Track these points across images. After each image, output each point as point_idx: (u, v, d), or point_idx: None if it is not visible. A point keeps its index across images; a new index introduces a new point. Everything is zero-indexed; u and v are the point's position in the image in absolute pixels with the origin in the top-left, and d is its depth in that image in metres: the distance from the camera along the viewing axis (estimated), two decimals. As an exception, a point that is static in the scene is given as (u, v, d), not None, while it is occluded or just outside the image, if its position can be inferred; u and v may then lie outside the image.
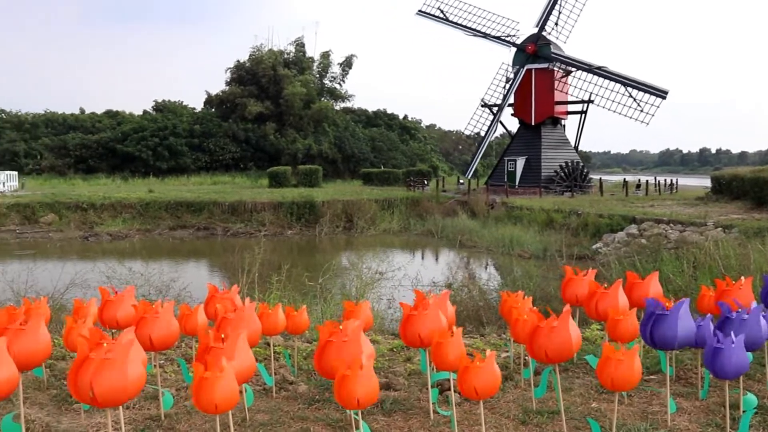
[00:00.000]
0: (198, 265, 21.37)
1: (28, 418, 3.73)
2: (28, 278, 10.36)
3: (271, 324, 4.09)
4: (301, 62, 53.54)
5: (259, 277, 10.14)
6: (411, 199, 31.76)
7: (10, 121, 55.86)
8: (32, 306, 3.92)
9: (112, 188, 36.47)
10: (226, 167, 49.70)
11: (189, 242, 26.14)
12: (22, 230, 26.59)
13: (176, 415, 4.01)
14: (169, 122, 51.37)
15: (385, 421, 3.97)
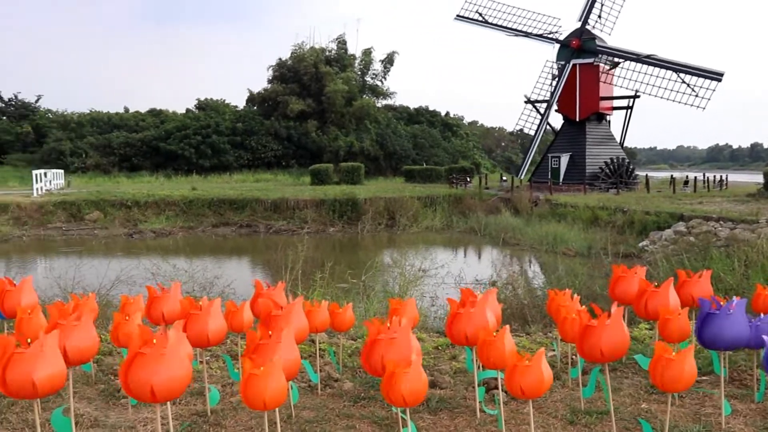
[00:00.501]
0: (240, 262, 21.57)
1: (77, 413, 3.79)
2: (75, 274, 10.53)
3: (316, 321, 4.09)
4: (343, 59, 53.68)
5: (302, 274, 10.20)
6: (453, 197, 31.61)
7: (56, 120, 57.07)
8: (80, 302, 3.97)
9: (155, 186, 36.95)
10: (268, 165, 50.09)
11: (232, 239, 26.40)
12: (68, 227, 27.05)
13: (222, 411, 4.04)
14: (211, 120, 51.91)
15: (431, 420, 3.94)
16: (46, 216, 27.23)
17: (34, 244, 24.45)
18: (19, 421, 3.87)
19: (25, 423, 3.84)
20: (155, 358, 2.49)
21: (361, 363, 3.39)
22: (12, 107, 61.78)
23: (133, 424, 3.85)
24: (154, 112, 60.69)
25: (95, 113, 58.75)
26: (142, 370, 2.50)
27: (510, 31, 38.01)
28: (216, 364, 5.09)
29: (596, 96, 36.56)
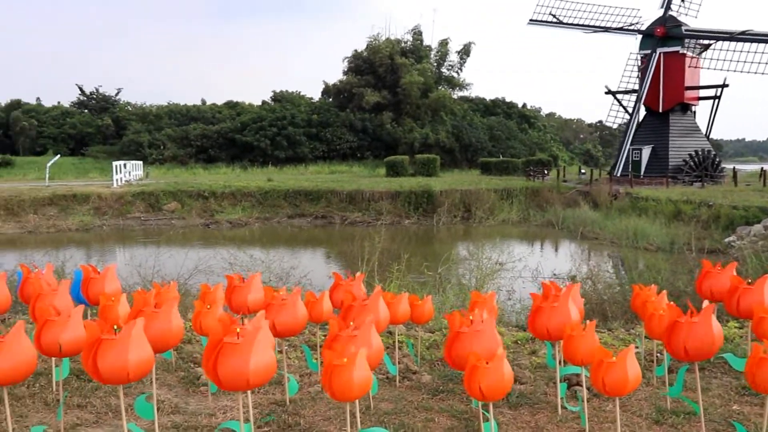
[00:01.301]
0: (315, 253, 21.82)
1: (158, 399, 3.87)
2: (155, 263, 10.82)
3: (396, 313, 4.08)
4: (419, 51, 53.49)
5: (378, 266, 10.22)
6: (530, 189, 31.13)
7: (135, 113, 58.96)
8: (162, 290, 4.07)
9: (231, 177, 37.60)
10: (343, 157, 50.45)
11: (307, 230, 26.70)
12: (146, 217, 27.73)
13: (301, 400, 4.08)
14: (287, 112, 52.56)
15: (512, 415, 3.89)
16: (125, 206, 28.02)
17: (113, 234, 25.22)
18: (102, 405, 4.00)
19: (108, 407, 3.96)
20: (240, 347, 2.52)
21: (444, 355, 3.36)
22: (93, 101, 64.25)
23: (212, 412, 3.92)
24: (230, 104, 61.92)
25: (173, 106, 60.34)
26: (226, 359, 2.54)
27: (587, 28, 36.93)
28: (294, 353, 5.16)
29: (681, 85, 35.21)
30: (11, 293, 4.38)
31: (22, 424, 3.70)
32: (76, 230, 25.23)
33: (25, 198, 26.69)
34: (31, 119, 57.89)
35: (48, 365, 4.44)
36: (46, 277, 4.53)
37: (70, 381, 4.37)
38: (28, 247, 20.06)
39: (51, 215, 26.38)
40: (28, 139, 56.81)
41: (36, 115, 59.27)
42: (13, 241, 22.61)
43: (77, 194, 27.78)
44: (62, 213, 26.66)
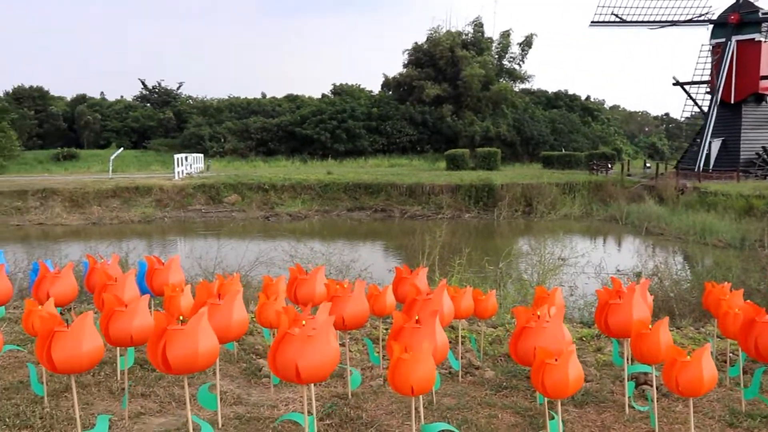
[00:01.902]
0: (375, 246, 21.86)
1: (220, 390, 3.90)
2: (217, 255, 11.00)
3: (460, 307, 4.04)
4: (480, 43, 52.94)
5: (438, 259, 10.18)
6: (593, 183, 30.53)
7: (196, 106, 59.90)
8: (225, 282, 4.11)
9: (291, 170, 37.88)
10: (402, 150, 50.34)
11: (366, 224, 26.77)
12: (207, 209, 28.15)
13: (362, 394, 4.07)
14: (347, 105, 52.73)
15: (577, 413, 3.80)
16: (186, 198, 28.52)
17: (174, 226, 25.68)
18: (165, 395, 4.06)
19: (172, 397, 4.02)
20: (304, 339, 2.52)
21: (509, 351, 3.31)
22: (155, 94, 65.69)
23: (274, 403, 3.94)
24: (290, 98, 62.47)
25: (233, 99, 61.13)
26: (290, 351, 2.54)
27: (653, 24, 35.76)
28: (355, 347, 5.17)
29: (756, 75, 33.82)
30: (77, 283, 4.49)
31: (88, 412, 3.79)
32: (139, 222, 25.84)
33: (90, 190, 27.46)
34: (95, 113, 59.48)
35: (113, 354, 4.54)
36: (112, 268, 4.61)
37: (134, 370, 4.45)
38: (92, 238, 20.63)
39: (114, 207, 27.10)
40: (92, 133, 58.37)
41: (100, 109, 60.89)
42: (78, 232, 23.30)
43: (140, 186, 28.44)
44: (125, 205, 27.35)
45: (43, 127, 57.51)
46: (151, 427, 3.58)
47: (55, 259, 8.32)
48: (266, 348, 5.04)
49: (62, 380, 4.27)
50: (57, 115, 59.38)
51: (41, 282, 4.18)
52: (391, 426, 3.60)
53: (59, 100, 63.96)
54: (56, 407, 3.84)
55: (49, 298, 3.85)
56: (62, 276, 4.20)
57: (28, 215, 25.80)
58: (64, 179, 31.53)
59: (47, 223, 25.01)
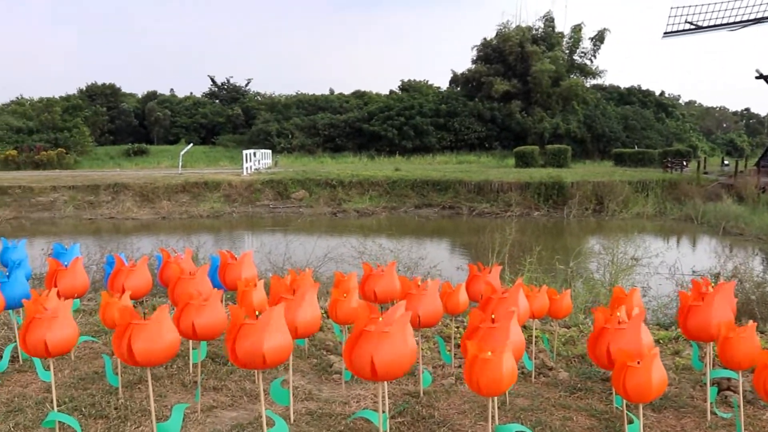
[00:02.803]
0: (443, 243, 21.75)
1: (292, 385, 3.96)
2: (286, 251, 11.10)
3: (534, 306, 3.97)
4: (550, 38, 52.04)
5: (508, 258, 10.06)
6: (667, 182, 29.62)
7: (264, 103, 60.66)
8: (297, 277, 4.14)
9: (359, 166, 37.88)
10: (470, 147, 49.90)
11: (434, 221, 26.63)
12: (275, 205, 28.27)
13: (434, 392, 4.03)
14: (414, 102, 52.56)
15: (655, 418, 3.69)
16: (254, 194, 28.70)
17: (242, 221, 25.87)
18: (237, 389, 4.10)
19: (243, 391, 4.06)
20: (381, 336, 2.52)
21: (587, 352, 3.23)
22: (224, 91, 66.85)
23: (346, 400, 3.94)
24: (357, 94, 62.72)
25: (301, 95, 61.70)
26: (367, 348, 2.54)
27: (734, 26, 33.81)
28: (426, 344, 5.14)
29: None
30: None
31: (161, 404, 3.86)
32: (207, 217, 26.21)
33: (159, 185, 28.02)
34: (165, 109, 60.76)
35: (184, 347, 4.62)
36: (185, 262, 4.68)
37: (206, 364, 4.52)
38: (161, 233, 21.05)
39: (183, 202, 27.51)
40: (162, 129, 59.67)
41: (170, 106, 62.15)
42: (148, 227, 23.82)
43: (208, 182, 28.85)
44: (194, 200, 27.73)
45: (115, 123, 59.11)
46: (223, 421, 3.63)
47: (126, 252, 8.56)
48: (337, 344, 5.07)
49: (136, 372, 4.37)
50: (128, 111, 61.04)
51: (116, 275, 4.28)
52: (464, 425, 3.57)
53: (130, 97, 65.75)
54: (130, 398, 3.93)
55: (124, 291, 3.96)
56: (137, 269, 4.30)
57: (99, 209, 26.51)
58: (134, 174, 32.30)
59: (118, 217, 25.67)
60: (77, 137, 46.63)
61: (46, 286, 4.47)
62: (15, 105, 53.13)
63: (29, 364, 4.58)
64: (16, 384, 4.26)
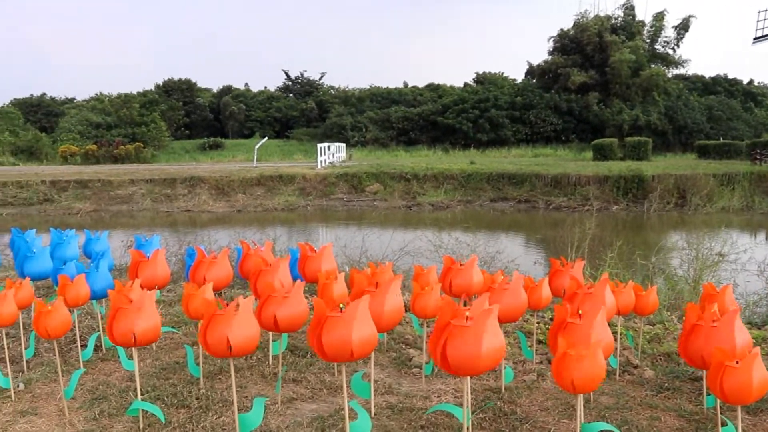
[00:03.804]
0: (519, 238, 21.45)
1: (368, 378, 3.92)
2: (363, 244, 11.12)
3: (620, 302, 3.86)
4: (630, 27, 50.45)
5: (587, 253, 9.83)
6: (756, 174, 28.33)
7: (338, 96, 61.03)
8: (377, 270, 4.13)
9: (433, 159, 37.67)
10: (547, 139, 49.02)
11: (510, 214, 26.29)
12: (349, 198, 28.37)
13: (516, 388, 3.97)
14: (490, 94, 51.91)
15: (750, 421, 3.53)
16: (328, 187, 28.86)
17: (317, 214, 26.05)
18: (317, 381, 4.12)
19: (323, 383, 4.08)
20: (469, 331, 2.48)
21: (678, 350, 3.12)
22: (298, 85, 67.60)
23: (426, 394, 3.91)
24: (431, 87, 62.41)
25: (375, 89, 61.75)
26: (454, 342, 2.50)
27: None
28: (506, 340, 5.06)
29: None
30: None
31: (241, 395, 3.92)
32: (282, 210, 26.49)
33: (235, 179, 28.48)
34: (240, 104, 61.75)
35: (264, 339, 4.68)
36: (265, 254, 4.72)
37: (285, 356, 4.56)
38: (236, 225, 21.39)
39: (258, 195, 27.86)
40: (237, 123, 60.67)
41: (244, 100, 63.10)
42: (223, 219, 24.24)
43: (283, 175, 29.16)
44: (269, 193, 28.04)
45: (191, 117, 60.47)
46: (303, 413, 3.65)
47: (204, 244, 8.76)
48: (416, 338, 5.05)
49: (216, 363, 4.45)
50: (203, 106, 62.38)
51: (198, 267, 4.35)
52: (547, 423, 3.50)
53: (206, 92, 67.06)
54: (211, 389, 4.00)
55: (205, 283, 4.03)
56: (218, 261, 4.36)
57: (176, 202, 27.11)
58: (210, 168, 32.99)
59: (194, 210, 26.21)
60: (154, 132, 48.06)
61: (129, 277, 4.60)
62: (94, 101, 55.17)
63: (112, 352, 4.72)
64: (100, 372, 4.40)
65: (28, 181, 28.04)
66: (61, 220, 22.65)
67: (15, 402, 3.88)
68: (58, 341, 3.78)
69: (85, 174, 29.75)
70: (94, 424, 3.55)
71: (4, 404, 3.85)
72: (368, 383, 3.43)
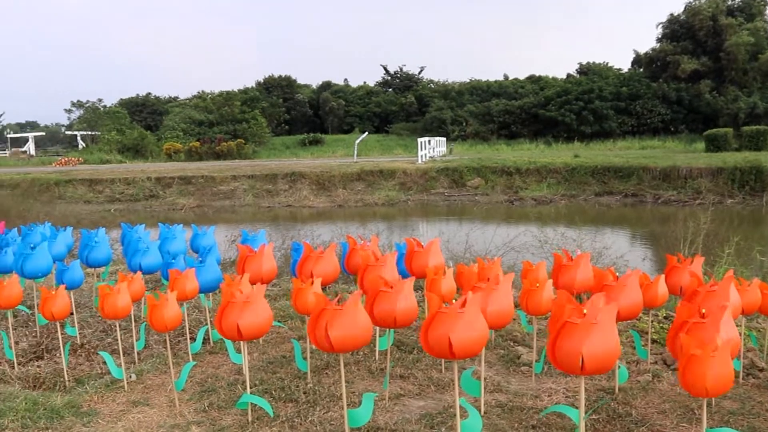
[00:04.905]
0: (626, 233, 20.73)
1: (477, 375, 3.84)
2: (467, 239, 11.02)
3: (746, 301, 3.63)
4: (750, 7, 47.44)
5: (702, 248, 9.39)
6: None
7: (438, 90, 60.57)
8: (485, 266, 4.05)
9: (535, 153, 36.89)
10: (654, 131, 47.07)
11: (615, 209, 25.45)
12: (450, 193, 28.09)
13: (630, 389, 3.82)
14: (594, 85, 50.33)
15: None
16: (429, 182, 28.72)
17: (417, 209, 25.98)
18: (424, 377, 4.10)
19: (430, 380, 4.05)
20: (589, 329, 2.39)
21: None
22: (397, 79, 67.58)
23: (537, 393, 3.82)
24: (533, 79, 61.12)
25: (475, 82, 60.96)
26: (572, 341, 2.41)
27: None
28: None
29: None
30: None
31: (348, 390, 3.93)
32: (382, 205, 26.56)
33: (335, 174, 28.78)
34: (339, 99, 62.28)
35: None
36: (372, 249, 4.71)
37: (392, 351, 4.54)
38: (337, 220, 21.65)
39: (359, 190, 28.07)
40: (336, 118, 61.22)
41: (344, 96, 63.60)
42: (323, 215, 24.54)
43: (383, 170, 29.27)
44: (369, 188, 28.19)
45: (291, 114, 61.39)
46: (411, 409, 3.64)
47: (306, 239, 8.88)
48: (524, 335, 4.95)
49: (323, 357, 4.48)
50: (303, 102, 63.21)
51: (305, 261, 4.36)
52: (665, 426, 3.34)
53: (305, 88, 67.87)
54: (318, 383, 4.03)
55: (312, 277, 4.06)
56: (325, 256, 4.36)
57: (277, 197, 27.69)
58: (310, 163, 33.38)
59: (295, 205, 26.65)
60: (255, 128, 49.31)
61: (236, 271, 4.71)
62: (197, 100, 57.16)
63: (220, 345, 4.84)
64: (208, 365, 4.53)
65: (134, 178, 29.40)
66: (166, 216, 23.54)
67: (127, 392, 4.05)
68: (168, 334, 3.92)
69: (189, 170, 30.88)
70: (204, 416, 3.64)
71: (117, 394, 4.02)
72: (478, 381, 3.37)
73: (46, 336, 5.25)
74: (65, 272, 4.80)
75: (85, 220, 19.21)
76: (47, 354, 4.93)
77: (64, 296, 4.18)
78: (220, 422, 3.55)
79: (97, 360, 4.74)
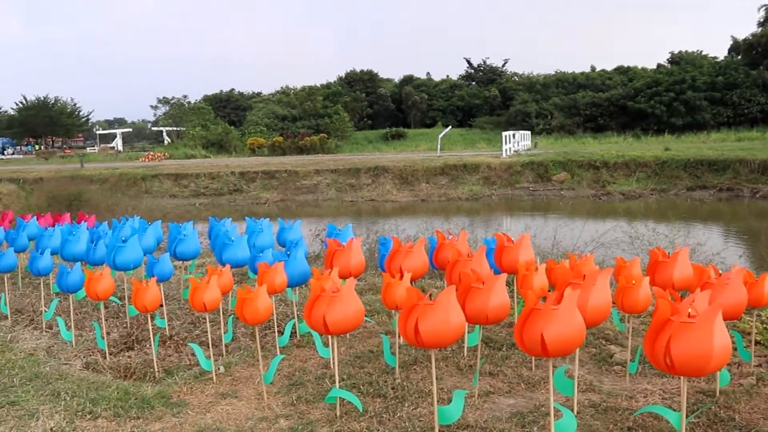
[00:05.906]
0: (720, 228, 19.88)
1: (570, 374, 3.77)
2: (555, 234, 10.81)
3: None
4: None
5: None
6: None
7: (522, 83, 59.69)
8: (577, 262, 3.94)
9: (623, 146, 35.78)
10: (752, 122, 44.89)
11: (709, 204, 24.43)
12: (534, 188, 27.66)
13: (732, 393, 3.65)
14: (686, 75, 48.46)
15: None
16: (513, 176, 28.31)
17: (501, 204, 25.66)
18: (514, 375, 4.05)
19: (520, 378, 3.99)
20: (690, 329, 2.29)
21: None
22: (480, 72, 66.89)
23: (631, 394, 3.71)
24: (621, 70, 59.43)
25: (560, 74, 59.83)
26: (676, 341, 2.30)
27: None
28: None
29: None
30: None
31: (438, 386, 3.90)
32: (466, 199, 26.33)
33: (418, 168, 28.69)
34: (422, 93, 62.21)
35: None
36: (461, 244, 4.66)
37: (481, 348, 4.49)
38: (421, 215, 21.54)
39: (442, 184, 27.89)
40: (419, 112, 61.17)
41: (426, 89, 63.51)
42: (406, 209, 24.46)
43: (467, 164, 28.98)
44: (452, 182, 27.98)
45: (373, 108, 61.75)
46: (500, 407, 3.58)
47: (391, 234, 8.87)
48: (617, 333, 4.81)
49: (411, 353, 4.47)
50: (385, 96, 63.49)
51: (394, 256, 4.35)
52: (771, 433, 3.18)
53: (387, 82, 68.13)
54: (406, 379, 4.02)
55: (402, 272, 4.04)
56: (414, 251, 4.34)
57: (360, 192, 27.80)
58: (393, 157, 33.39)
59: (377, 200, 26.68)
60: (337, 123, 49.73)
61: (325, 265, 4.74)
62: (280, 95, 58.13)
63: (306, 339, 4.89)
64: (296, 359, 4.58)
65: (218, 172, 30.16)
66: (250, 210, 24.01)
67: (216, 384, 4.14)
68: (257, 327, 3.99)
69: (272, 165, 31.44)
70: (292, 410, 3.68)
71: (206, 386, 4.12)
72: (571, 380, 3.29)
73: (136, 327, 5.44)
74: (155, 265, 4.95)
75: (171, 213, 19.80)
76: (137, 345, 5.11)
77: (155, 288, 4.31)
78: (308, 416, 3.58)
79: (186, 351, 4.88)
